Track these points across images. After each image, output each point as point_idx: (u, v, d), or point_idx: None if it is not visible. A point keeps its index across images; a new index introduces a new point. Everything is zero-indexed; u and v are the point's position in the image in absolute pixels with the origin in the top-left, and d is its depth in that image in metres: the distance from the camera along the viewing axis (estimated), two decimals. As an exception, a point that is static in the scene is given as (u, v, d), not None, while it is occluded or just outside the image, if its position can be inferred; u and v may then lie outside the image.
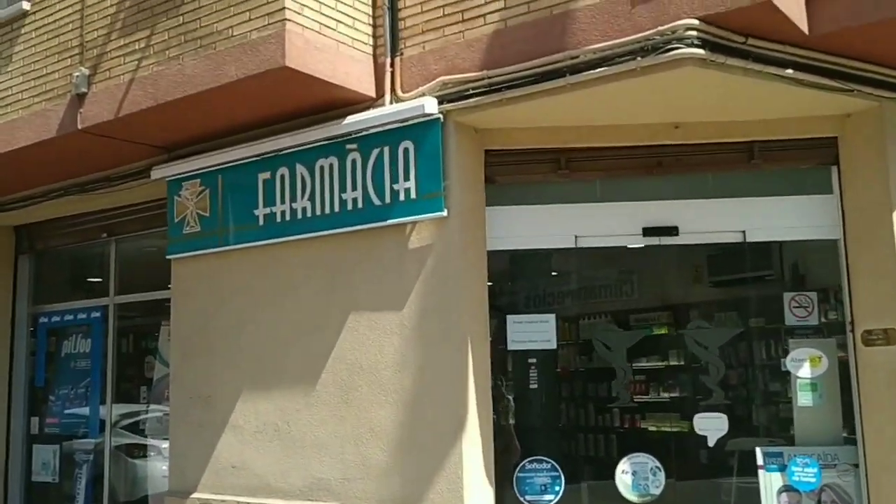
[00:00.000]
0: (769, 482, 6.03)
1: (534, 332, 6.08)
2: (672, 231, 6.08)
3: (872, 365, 5.79)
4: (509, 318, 6.13)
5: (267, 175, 6.70)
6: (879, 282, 5.77)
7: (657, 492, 5.98)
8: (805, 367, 6.00)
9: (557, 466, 5.99)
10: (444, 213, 5.80)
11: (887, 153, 5.79)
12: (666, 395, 8.57)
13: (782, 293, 6.21)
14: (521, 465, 5.99)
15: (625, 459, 6.04)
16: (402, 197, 5.98)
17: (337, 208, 6.28)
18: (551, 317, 6.11)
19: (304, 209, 6.45)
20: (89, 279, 9.25)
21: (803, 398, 6.01)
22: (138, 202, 8.12)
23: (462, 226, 5.85)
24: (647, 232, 6.11)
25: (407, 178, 5.96)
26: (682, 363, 8.01)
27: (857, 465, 6.00)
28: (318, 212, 6.37)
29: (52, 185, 8.28)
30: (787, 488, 6.02)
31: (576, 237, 6.12)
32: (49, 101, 7.06)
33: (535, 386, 6.35)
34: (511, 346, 6.12)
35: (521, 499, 5.94)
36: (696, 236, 6.14)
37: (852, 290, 5.93)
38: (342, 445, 6.12)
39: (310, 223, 6.41)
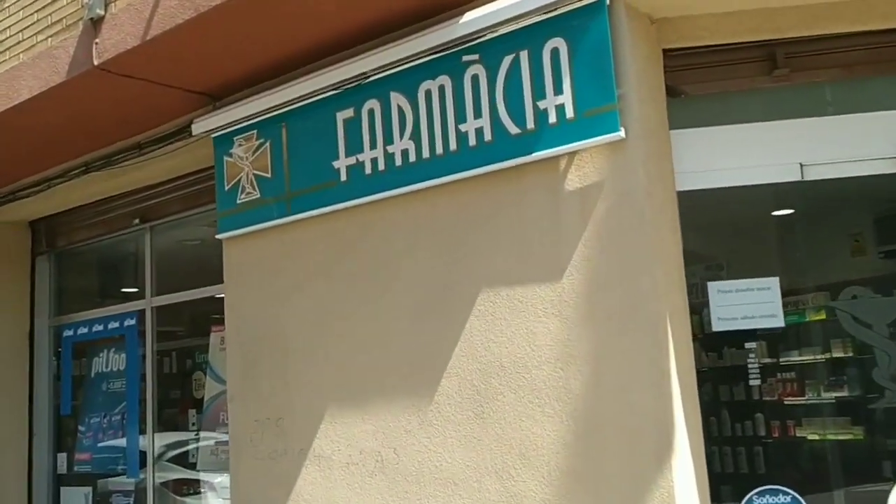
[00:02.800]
0: None
1: (751, 303, 4.20)
2: (945, 150, 4.18)
3: None
4: (711, 285, 4.25)
5: (349, 113, 4.91)
6: None
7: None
8: None
9: (801, 500, 4.09)
10: (622, 134, 3.95)
11: None
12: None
13: None
14: (749, 499, 4.10)
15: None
16: (552, 118, 4.14)
17: (454, 146, 4.46)
18: (774, 281, 4.22)
19: (404, 153, 4.65)
20: (121, 280, 7.55)
21: None
22: (177, 176, 6.40)
23: (647, 154, 3.99)
24: (907, 153, 4.21)
25: (559, 91, 4.13)
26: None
27: None
28: (427, 154, 4.56)
29: (69, 162, 6.59)
30: None
31: (801, 166, 4.24)
32: (56, 35, 5.36)
33: (757, 381, 4.48)
34: (717, 327, 4.24)
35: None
36: (980, 156, 4.22)
37: None
38: (479, 479, 4.27)
39: (414, 171, 4.60)
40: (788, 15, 4.17)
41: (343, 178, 4.90)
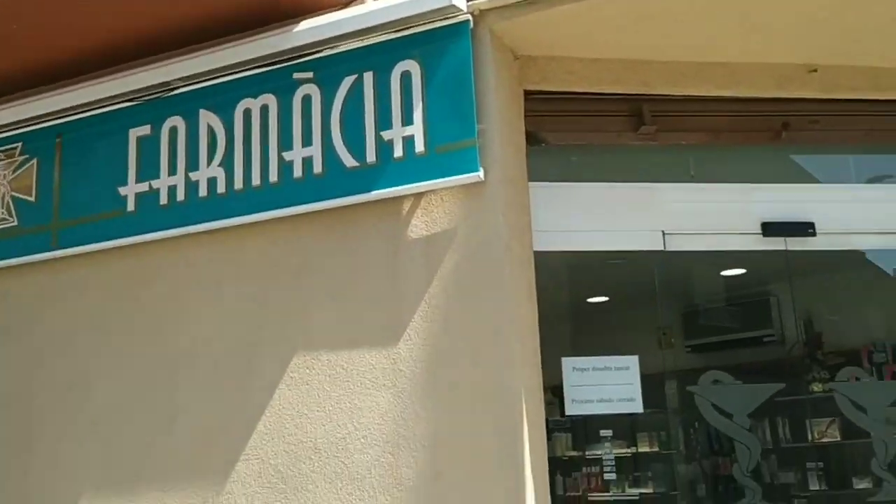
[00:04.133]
0: None
1: (607, 385, 3.67)
2: (806, 229, 3.93)
3: None
4: (565, 361, 3.69)
5: (145, 129, 4.01)
6: None
7: None
8: None
9: None
10: (480, 175, 3.35)
11: None
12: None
13: None
14: None
15: None
16: (398, 152, 3.48)
17: (275, 177, 3.68)
18: (633, 360, 3.72)
19: (211, 182, 3.81)
20: None
21: None
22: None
23: (507, 202, 3.41)
24: (769, 230, 3.92)
25: (408, 122, 3.49)
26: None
27: None
28: (239, 185, 3.75)
29: None
30: None
31: (664, 235, 3.84)
32: None
33: (613, 475, 3.95)
34: (570, 410, 3.66)
35: None
36: (840, 238, 4.01)
37: None
38: None
39: (222, 204, 3.76)
40: (656, 70, 3.82)
41: (130, 207, 3.96)
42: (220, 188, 3.79)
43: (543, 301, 3.50)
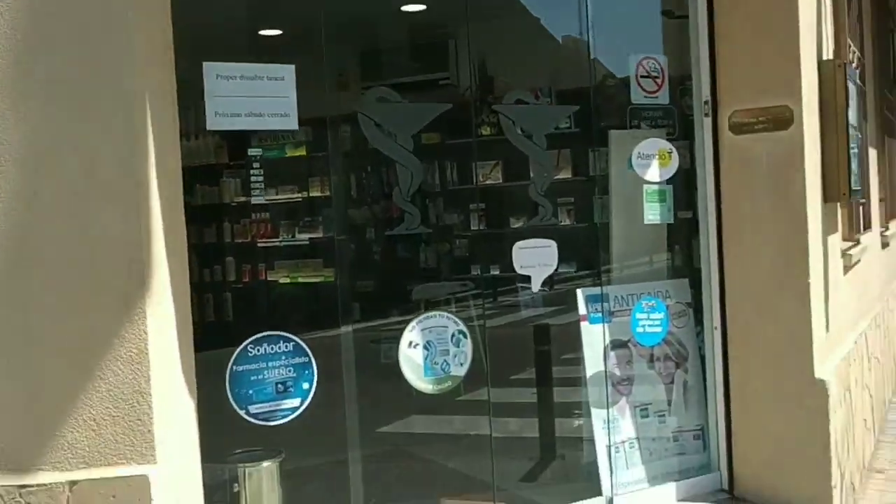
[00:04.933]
0: (593, 338, 4.08)
1: (258, 97, 3.13)
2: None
3: (747, 160, 4.03)
4: (207, 67, 3.06)
5: None
6: (763, 39, 3.95)
7: (462, 371, 3.63)
8: (653, 166, 4.04)
9: (305, 346, 3.26)
10: None
11: None
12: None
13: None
14: (244, 349, 3.15)
15: (414, 324, 3.53)
16: None
17: None
18: (290, 70, 3.17)
19: None
20: None
21: (650, 213, 4.06)
22: None
23: None
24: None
25: None
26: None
27: (690, 305, 4.33)
28: None
29: None
30: (617, 344, 4.13)
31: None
32: None
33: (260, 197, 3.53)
34: (213, 125, 3.09)
35: (241, 411, 3.13)
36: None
37: (717, 56, 4.06)
38: None
39: None
40: None
41: None
42: None
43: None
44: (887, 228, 8.10)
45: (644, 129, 4.09)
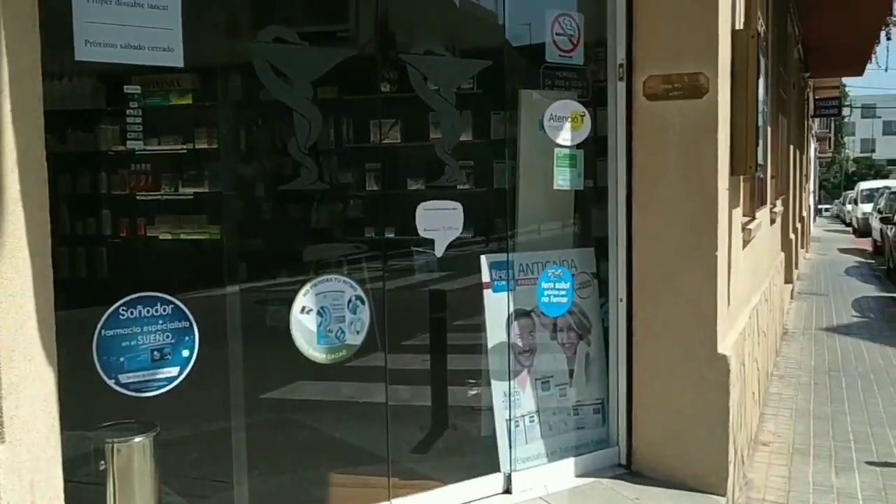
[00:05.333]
0: (496, 306, 3.89)
1: (138, 27, 2.75)
2: None
3: (660, 128, 3.89)
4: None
5: None
6: (679, 8, 3.81)
7: (358, 340, 3.38)
8: (566, 129, 3.85)
9: (185, 310, 2.93)
10: None
11: None
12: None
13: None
14: (114, 311, 2.79)
15: (308, 288, 3.25)
16: None
17: None
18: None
19: None
20: None
21: (560, 177, 3.88)
22: None
23: None
24: None
25: None
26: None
27: (596, 275, 4.20)
28: None
29: None
30: (520, 313, 3.96)
31: None
32: None
33: (138, 143, 3.15)
34: (82, 55, 2.69)
35: (110, 381, 2.79)
36: None
37: (634, 19, 3.89)
38: None
39: None
40: None
41: None
42: None
43: None
44: (775, 205, 8.28)
45: (557, 91, 3.89)
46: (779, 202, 8.95)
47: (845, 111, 40.04)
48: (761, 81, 4.38)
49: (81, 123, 7.15)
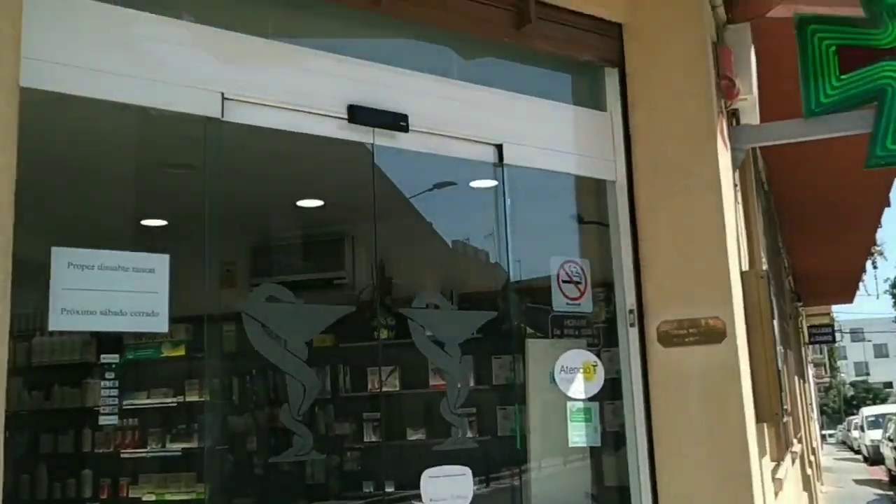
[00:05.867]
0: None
1: (120, 291, 2.56)
2: (400, 122, 3.20)
3: (677, 376, 3.64)
4: (56, 252, 2.49)
5: None
6: (690, 246, 3.69)
7: None
8: (578, 381, 3.60)
9: None
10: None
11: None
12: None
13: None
14: None
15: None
16: None
17: None
18: (164, 260, 2.64)
19: None
20: None
21: (575, 433, 3.57)
22: None
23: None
24: (356, 115, 3.12)
25: None
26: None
27: (619, 538, 3.78)
28: None
29: None
30: None
31: (223, 98, 2.84)
32: None
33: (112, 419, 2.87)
34: (57, 325, 2.48)
35: None
36: (432, 140, 3.34)
37: (642, 263, 3.76)
38: None
39: None
40: None
41: None
42: None
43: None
44: (792, 444, 7.89)
45: (566, 339, 3.68)
46: (795, 440, 8.56)
47: (836, 336, 40.29)
48: (776, 322, 4.21)
49: (69, 377, 6.90)
